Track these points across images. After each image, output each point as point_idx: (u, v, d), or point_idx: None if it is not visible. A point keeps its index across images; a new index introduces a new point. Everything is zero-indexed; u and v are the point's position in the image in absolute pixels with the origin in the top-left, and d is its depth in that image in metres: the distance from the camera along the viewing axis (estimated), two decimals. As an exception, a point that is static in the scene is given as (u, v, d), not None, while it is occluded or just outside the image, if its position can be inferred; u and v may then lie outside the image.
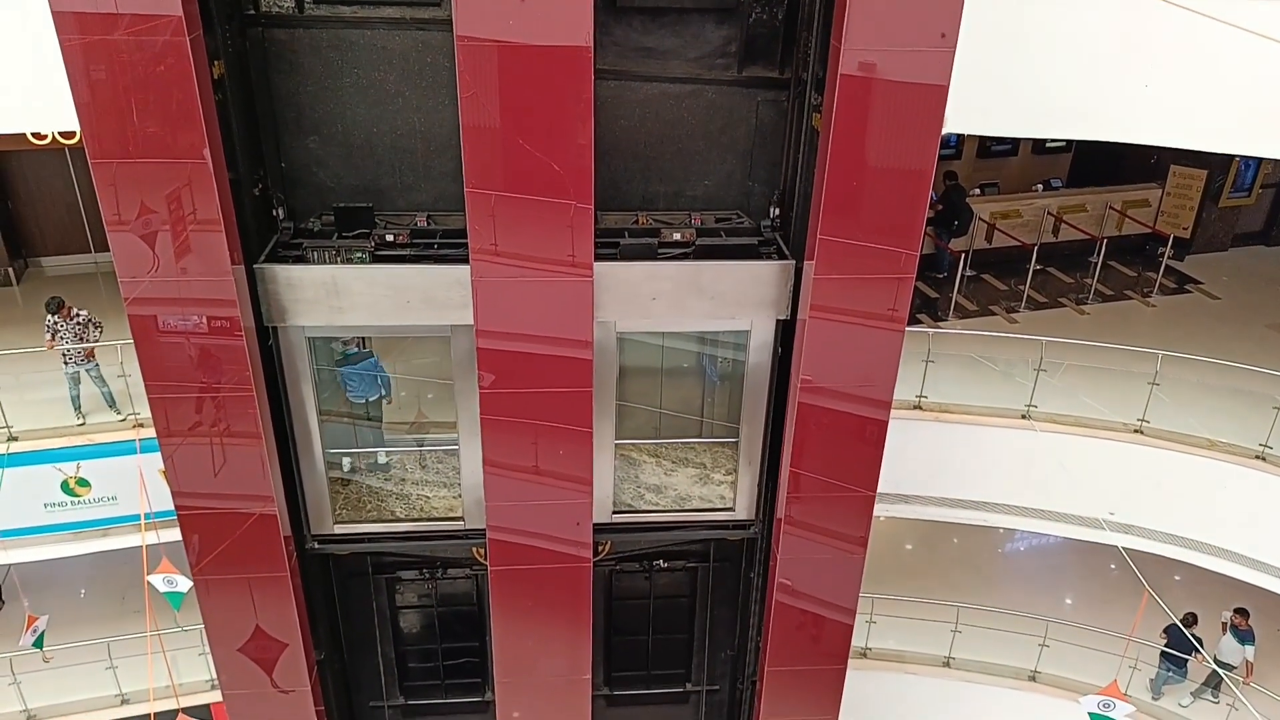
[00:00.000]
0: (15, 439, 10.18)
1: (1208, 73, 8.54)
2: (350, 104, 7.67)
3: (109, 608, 13.44)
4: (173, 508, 8.03)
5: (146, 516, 9.76)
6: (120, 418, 10.49)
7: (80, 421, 10.43)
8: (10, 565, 12.26)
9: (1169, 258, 14.67)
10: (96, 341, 10.48)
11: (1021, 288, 13.94)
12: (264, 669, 8.85)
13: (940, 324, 12.99)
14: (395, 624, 9.91)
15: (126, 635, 11.96)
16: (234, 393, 7.50)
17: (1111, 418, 10.90)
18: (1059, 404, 10.96)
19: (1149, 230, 15.27)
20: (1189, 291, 14.53)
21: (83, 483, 10.38)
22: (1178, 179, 15.32)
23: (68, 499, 10.50)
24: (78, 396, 10.54)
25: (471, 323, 7.54)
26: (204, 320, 7.22)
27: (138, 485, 9.78)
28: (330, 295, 7.63)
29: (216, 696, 11.39)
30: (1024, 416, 10.87)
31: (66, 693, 12.28)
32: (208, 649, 9.00)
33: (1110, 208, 15.15)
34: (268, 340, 7.83)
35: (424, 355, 9.02)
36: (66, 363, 10.41)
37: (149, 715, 11.79)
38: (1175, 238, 14.84)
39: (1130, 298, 14.25)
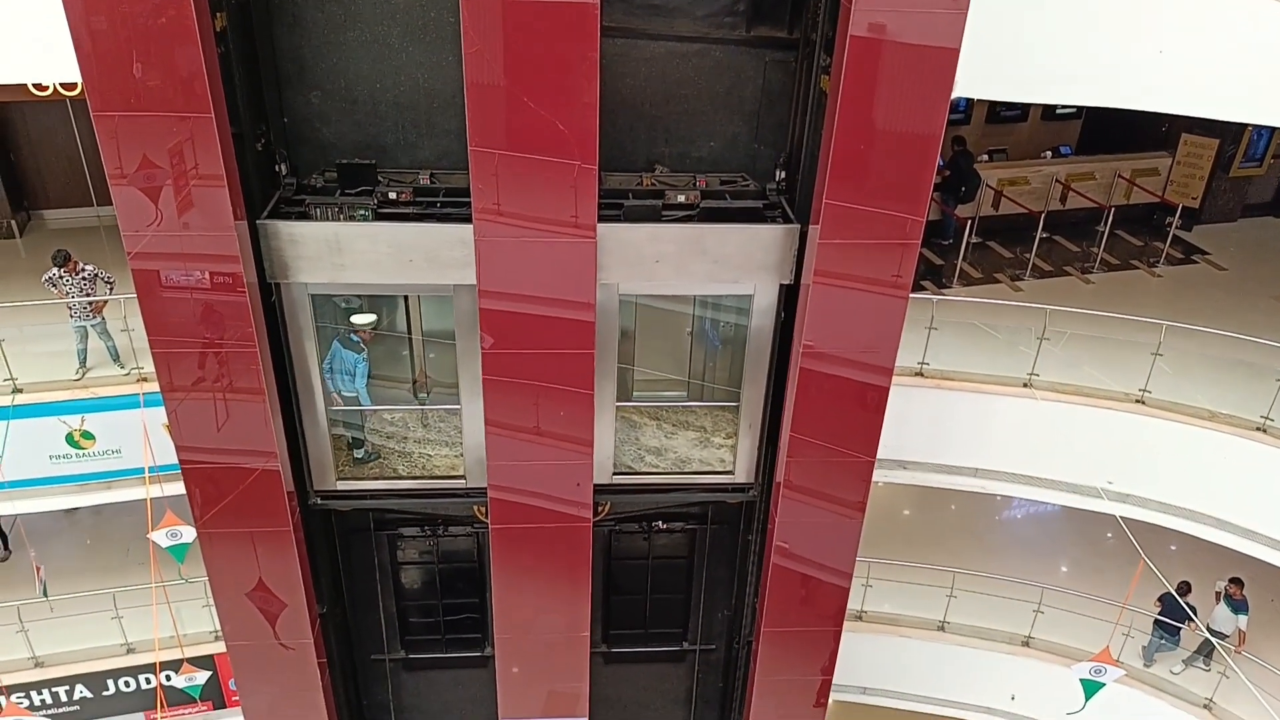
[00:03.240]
0: (20, 391, 10.23)
1: (1224, 39, 8.42)
2: (353, 59, 7.60)
3: (114, 559, 13.59)
4: (176, 461, 8.08)
5: (151, 470, 9.83)
6: (124, 372, 10.53)
7: (79, 375, 10.45)
8: (16, 516, 12.40)
9: (1177, 228, 14.58)
10: (104, 297, 10.49)
11: (1027, 256, 13.88)
12: (267, 621, 8.96)
13: (944, 291, 12.96)
14: (397, 579, 10.02)
15: (131, 586, 12.11)
16: (237, 348, 7.51)
17: (1113, 387, 10.91)
18: (1061, 373, 10.96)
19: (1157, 200, 15.16)
20: (1196, 262, 14.46)
21: (87, 435, 10.45)
22: (1189, 148, 15.18)
23: (72, 451, 10.58)
24: (84, 351, 10.57)
25: (474, 283, 7.53)
26: (207, 276, 7.21)
27: (141, 439, 9.84)
28: (333, 252, 7.62)
29: (220, 647, 11.55)
30: (1025, 385, 10.87)
31: (73, 641, 12.47)
32: (212, 601, 9.10)
33: (1119, 176, 15.03)
34: (271, 297, 7.83)
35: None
36: (72, 316, 10.42)
37: (154, 664, 12.00)
38: (1184, 207, 14.74)
39: (1136, 267, 14.19)
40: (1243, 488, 10.97)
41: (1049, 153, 16.15)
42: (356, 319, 8.37)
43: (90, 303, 10.37)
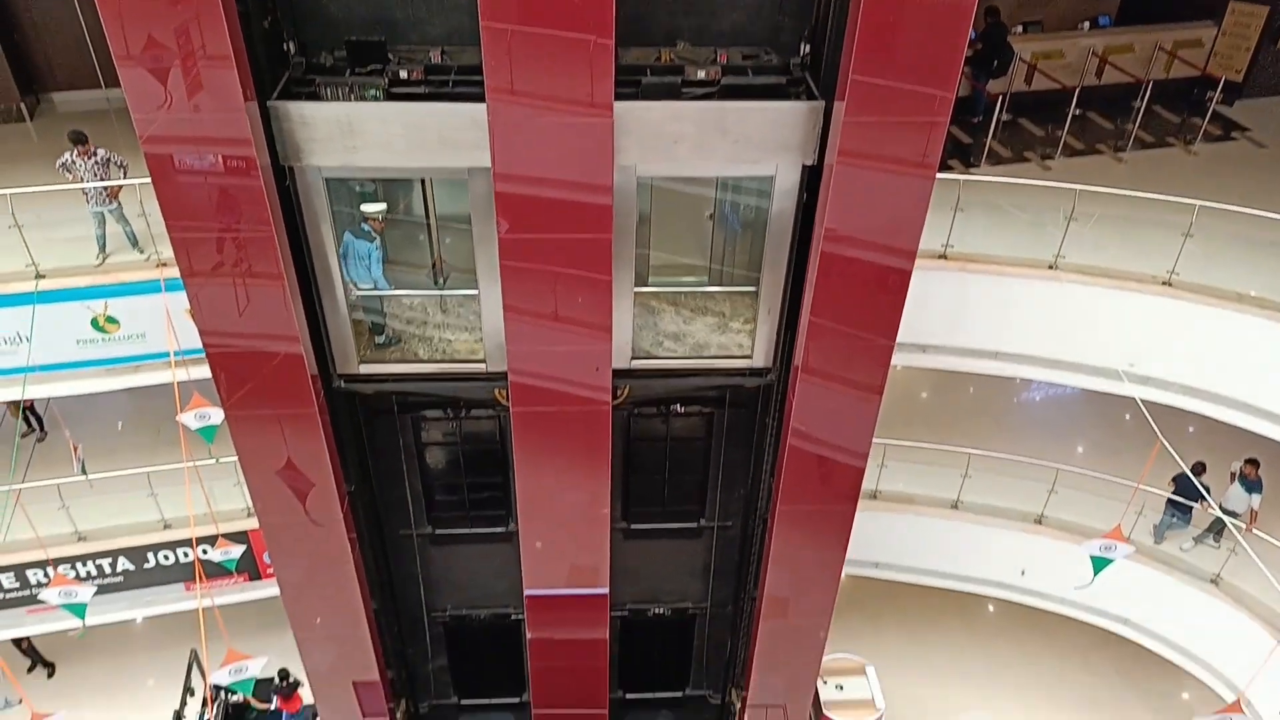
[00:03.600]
0: (43, 276, 10.31)
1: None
2: (359, -72, 7.27)
3: (145, 438, 13.97)
4: (201, 346, 8.18)
5: (176, 354, 9.97)
6: (144, 257, 10.56)
7: (99, 261, 10.49)
8: (49, 399, 12.70)
9: (1218, 102, 14.03)
10: (119, 180, 10.42)
11: (1059, 133, 13.46)
12: (297, 499, 9.23)
13: (972, 170, 12.65)
14: (421, 459, 10.23)
15: (164, 466, 12.47)
16: (254, 233, 7.48)
17: (1140, 270, 10.73)
18: (1088, 256, 10.78)
19: (1199, 74, 14.55)
20: (1234, 139, 13.99)
21: (111, 320, 10.57)
22: (1236, 16, 14.47)
23: (98, 335, 10.73)
24: (103, 236, 10.58)
25: (489, 165, 7.40)
26: (220, 159, 7.12)
27: (165, 323, 9.95)
28: (345, 134, 7.47)
29: (254, 523, 11.97)
30: (1051, 267, 10.71)
31: (112, 517, 12.95)
32: (243, 479, 9.36)
33: (1159, 48, 14.39)
34: (285, 180, 7.74)
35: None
36: (89, 202, 10.39)
37: (191, 539, 12.48)
38: (1226, 81, 14.14)
39: (1172, 145, 13.76)
40: (1266, 370, 10.91)
41: (1086, 23, 15.45)
42: (367, 207, 8.27)
43: (105, 188, 10.32)
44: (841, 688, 13.96)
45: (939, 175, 7.57)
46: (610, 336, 8.35)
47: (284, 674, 13.86)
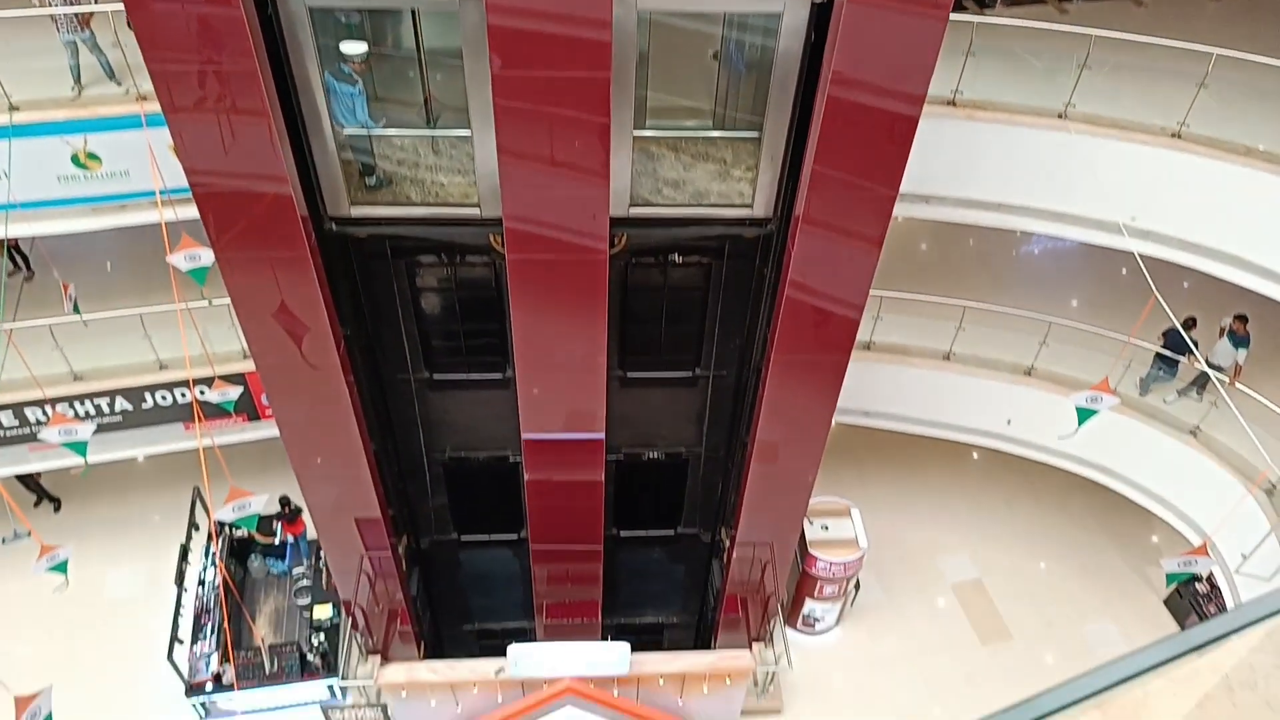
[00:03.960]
0: (16, 109, 9.92)
1: None
2: None
3: (136, 281, 13.85)
4: (187, 185, 7.97)
5: (162, 193, 9.73)
6: (121, 90, 10.14)
7: (75, 93, 10.07)
8: (34, 237, 12.48)
9: (1247, -60, 13.34)
10: (87, 7, 9.88)
11: (1079, -28, 12.82)
12: (293, 341, 9.23)
13: (986, 13, 12.10)
14: (417, 305, 10.19)
15: (157, 308, 12.41)
16: (236, 67, 7.15)
17: (1151, 120, 10.45)
18: (1099, 105, 10.46)
19: (1232, -94, 13.74)
20: (1262, -19, 13.35)
21: (93, 156, 10.26)
22: None
23: (80, 172, 10.44)
24: (76, 66, 10.12)
25: (482, -5, 7.01)
26: (196, -14, 6.72)
27: (149, 160, 9.65)
28: (329, -40, 7.04)
29: (251, 365, 12.03)
30: (1060, 116, 10.41)
31: (107, 358, 12.98)
32: (237, 322, 9.32)
33: (1194, -123, 13.55)
34: (268, 10, 7.33)
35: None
36: (59, 30, 9.88)
37: (188, 380, 12.56)
38: (1260, -85, 13.39)
39: (1196, -13, 13.15)
40: (1267, 226, 10.81)
41: None
42: (345, 47, 7.85)
43: (76, 15, 9.79)
44: (827, 528, 14.51)
45: (952, 17, 7.23)
46: (608, 182, 8.15)
47: (285, 501, 14.32)
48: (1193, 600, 15.55)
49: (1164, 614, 15.97)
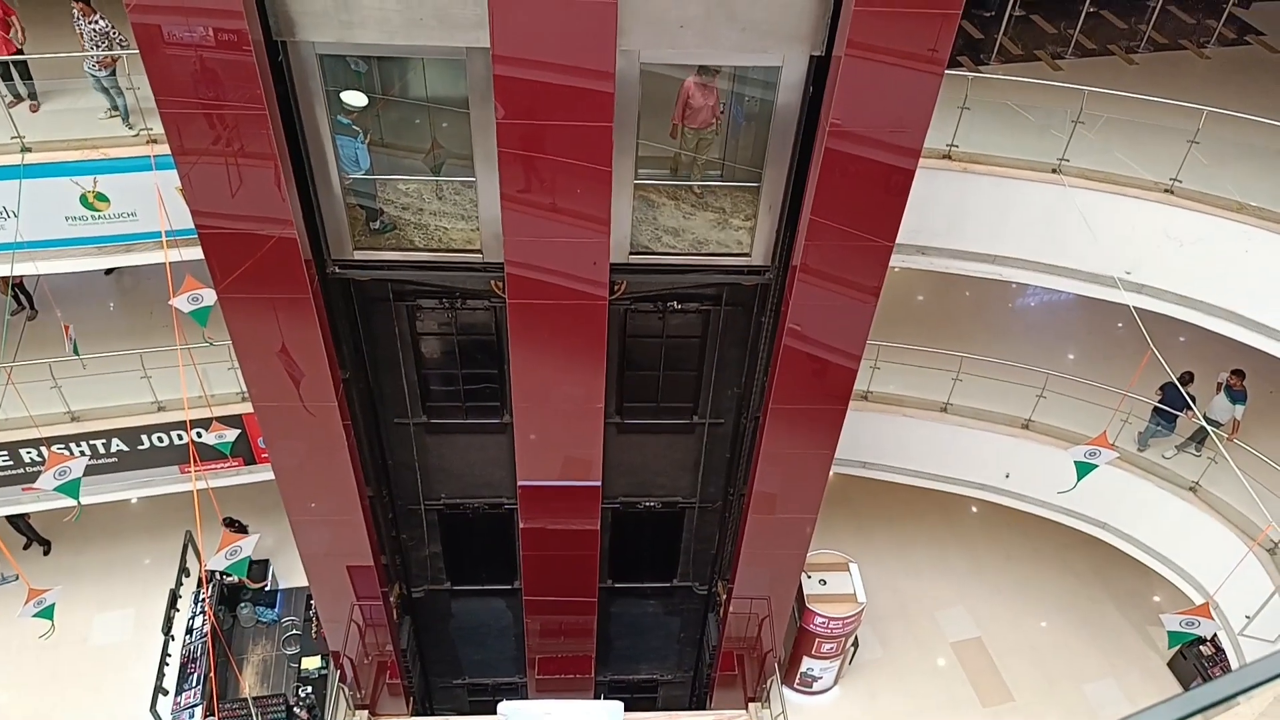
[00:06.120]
0: (29, 149, 10.07)
1: None
2: None
3: (138, 321, 13.90)
4: (193, 226, 8.06)
5: (168, 234, 9.83)
6: (133, 133, 10.31)
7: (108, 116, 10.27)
8: (39, 275, 12.55)
9: (1235, 4, 13.66)
10: (106, 51, 10.12)
11: (1071, 32, 13.11)
12: (292, 384, 9.25)
13: (981, 68, 12.36)
14: (417, 348, 10.24)
15: (158, 349, 12.44)
16: (246, 110, 7.29)
17: (1144, 175, 10.61)
18: (1092, 159, 10.63)
19: (1219, -27, 14.12)
20: (1248, 43, 13.67)
21: (101, 197, 10.38)
22: (1260, -87, 13.97)
23: (88, 213, 10.56)
24: (105, 94, 10.37)
25: (488, 45, 7.17)
26: (210, 31, 6.87)
27: (157, 202, 9.77)
28: (339, 8, 7.21)
29: (248, 408, 12.01)
30: (1054, 171, 10.58)
31: (105, 398, 12.97)
32: (237, 364, 9.35)
33: (1180, -55, 13.95)
34: (278, 57, 7.50)
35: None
36: (85, 64, 10.16)
37: (185, 422, 12.54)
38: (1247, -19, 13.77)
39: (1185, 48, 13.44)
40: (1261, 282, 10.91)
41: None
42: (346, 97, 8.01)
43: (98, 58, 10.05)
44: (825, 582, 14.37)
45: (947, 71, 7.40)
46: (609, 229, 8.26)
47: (230, 520, 14.23)
48: (1197, 663, 15.31)
49: (1168, 675, 15.74)
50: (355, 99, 8.04)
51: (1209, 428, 11.81)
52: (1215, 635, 13.20)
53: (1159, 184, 10.57)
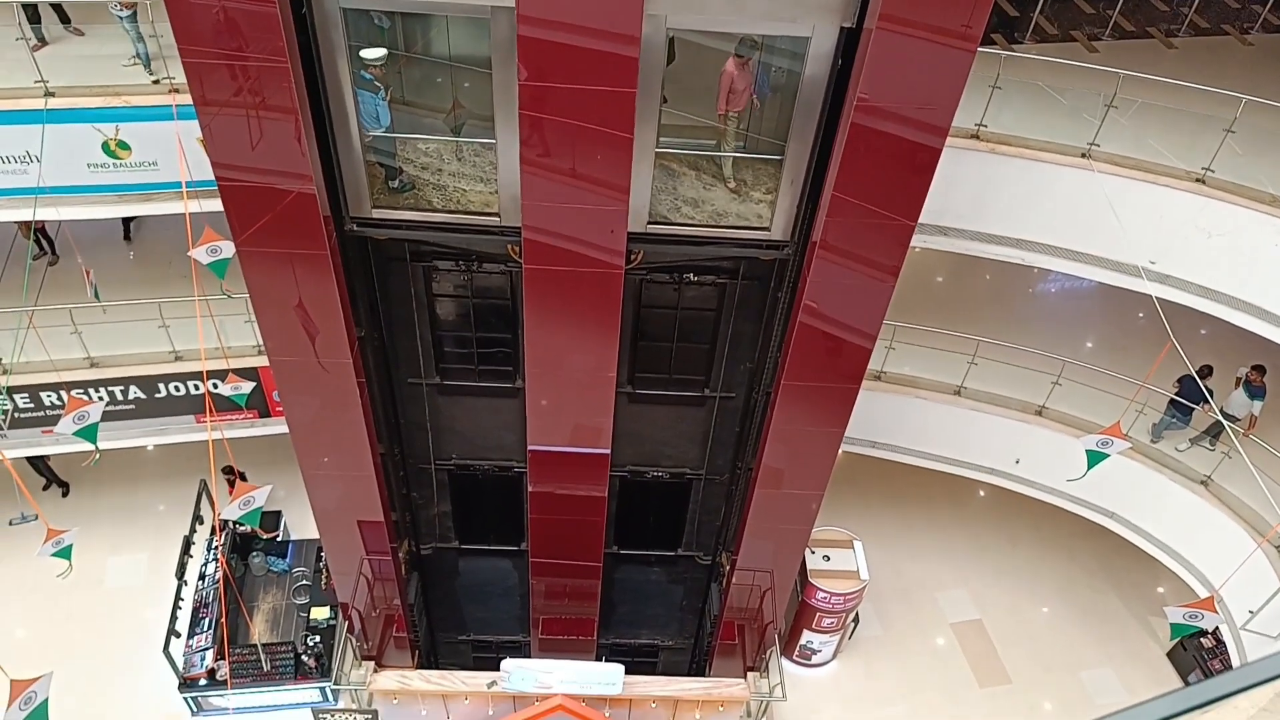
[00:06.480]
0: (52, 94, 10.07)
1: None
2: None
3: (156, 271, 13.98)
4: (213, 178, 8.05)
5: (188, 185, 9.84)
6: (153, 79, 10.28)
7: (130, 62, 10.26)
8: (60, 222, 12.61)
9: (1282, -11, 13.33)
10: None
11: (1110, 13, 12.83)
12: (308, 339, 9.29)
13: (1014, 47, 12.12)
14: (432, 310, 10.24)
15: (176, 299, 12.51)
16: (268, 63, 7.25)
17: (1175, 164, 10.42)
18: (1123, 145, 10.44)
19: (1266, -43, 13.76)
20: (1293, 32, 13.35)
21: (123, 145, 10.39)
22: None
23: (110, 161, 10.58)
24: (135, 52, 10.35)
25: (513, 5, 7.09)
26: (234, -18, 6.83)
27: (177, 153, 9.77)
28: (365, -37, 7.14)
29: (264, 361, 12.10)
30: (1084, 155, 10.40)
31: (123, 346, 13.08)
32: (254, 317, 9.39)
33: (1228, -73, 13.58)
34: (302, 9, 7.44)
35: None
36: (112, 8, 10.12)
37: (202, 373, 12.65)
38: (1293, -33, 13.41)
39: (1227, 33, 13.13)
40: (1288, 276, 10.74)
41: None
42: (366, 53, 7.93)
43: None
44: (828, 558, 14.41)
45: (980, 49, 7.26)
46: (628, 197, 8.20)
47: (229, 469, 14.51)
48: (1197, 654, 15.32)
49: (1166, 666, 15.75)
50: (374, 54, 7.97)
51: (1225, 422, 11.70)
52: (1217, 629, 13.17)
53: (1191, 173, 10.38)
